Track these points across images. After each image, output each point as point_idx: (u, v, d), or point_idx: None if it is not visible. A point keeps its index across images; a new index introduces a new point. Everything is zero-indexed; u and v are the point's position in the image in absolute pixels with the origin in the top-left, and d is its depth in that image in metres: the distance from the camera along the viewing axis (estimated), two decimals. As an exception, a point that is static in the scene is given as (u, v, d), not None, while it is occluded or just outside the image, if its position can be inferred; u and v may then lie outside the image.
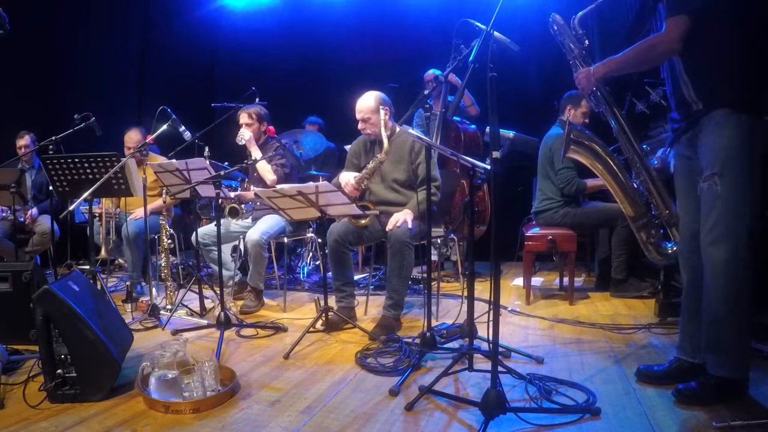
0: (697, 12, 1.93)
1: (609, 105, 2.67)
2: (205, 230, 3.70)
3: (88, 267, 3.37)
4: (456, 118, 4.53)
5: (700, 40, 1.96)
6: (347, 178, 3.22)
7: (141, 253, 3.96)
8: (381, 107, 3.09)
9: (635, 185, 2.89)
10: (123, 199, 4.16)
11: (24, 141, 4.40)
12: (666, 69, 2.15)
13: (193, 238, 3.67)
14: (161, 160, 3.98)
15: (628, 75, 2.28)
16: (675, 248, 2.77)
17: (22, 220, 4.17)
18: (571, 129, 2.98)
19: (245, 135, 3.70)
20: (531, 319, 3.29)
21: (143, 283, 4.10)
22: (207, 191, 3.32)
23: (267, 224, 3.65)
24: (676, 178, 2.22)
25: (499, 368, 1.93)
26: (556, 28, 2.71)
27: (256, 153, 3.71)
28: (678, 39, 1.96)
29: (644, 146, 2.82)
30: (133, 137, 4.11)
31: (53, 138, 3.60)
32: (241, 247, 4.08)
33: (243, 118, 3.79)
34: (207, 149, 3.44)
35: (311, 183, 2.75)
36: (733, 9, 1.95)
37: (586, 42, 2.64)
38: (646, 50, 2.06)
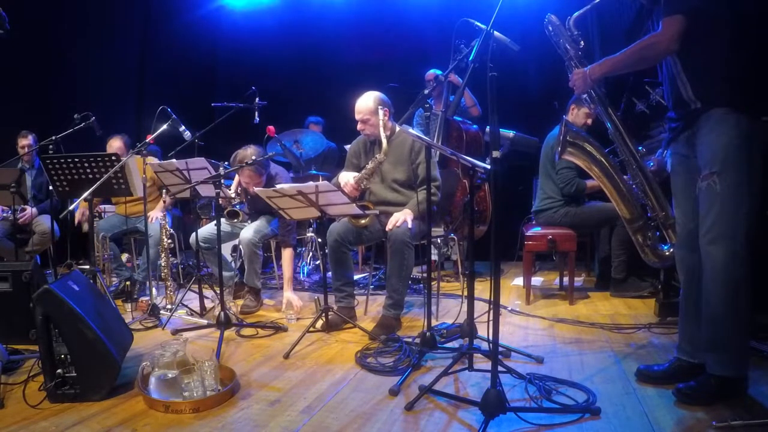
0: (693, 11, 1.93)
1: (604, 106, 2.67)
2: (205, 232, 3.66)
3: (88, 267, 3.38)
4: (457, 118, 4.53)
5: (698, 40, 1.96)
6: (347, 178, 3.22)
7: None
8: (380, 108, 3.08)
9: (631, 187, 2.89)
10: (124, 205, 4.17)
11: (27, 140, 4.40)
12: (663, 69, 2.15)
13: (191, 240, 3.64)
14: (153, 161, 3.97)
15: (625, 75, 2.28)
16: (671, 250, 2.77)
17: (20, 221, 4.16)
18: (568, 131, 2.98)
19: None
20: (531, 319, 3.29)
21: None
22: (207, 191, 3.32)
23: (262, 223, 3.64)
24: (673, 177, 2.22)
25: (499, 368, 1.93)
26: (551, 28, 2.71)
27: None
28: (674, 39, 1.96)
29: (640, 147, 2.83)
30: (113, 145, 4.09)
31: (53, 138, 3.61)
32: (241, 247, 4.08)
33: (252, 178, 3.50)
34: (222, 169, 3.21)
35: (311, 183, 2.75)
36: (731, 8, 1.95)
37: (582, 43, 2.64)
38: (642, 50, 2.06)
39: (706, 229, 1.96)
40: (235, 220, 3.70)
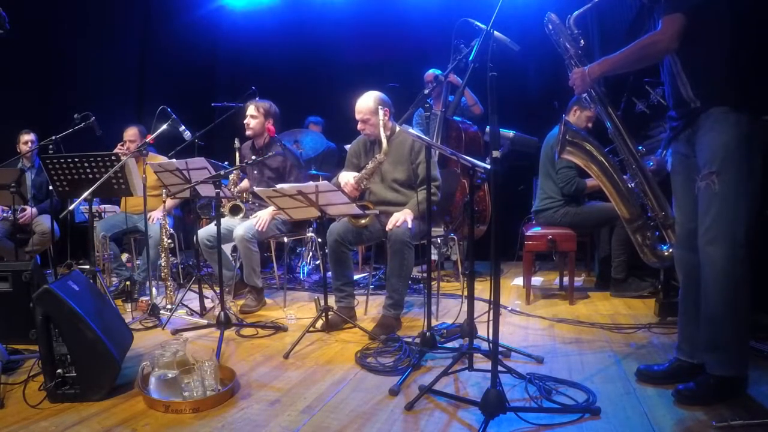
0: (693, 9, 1.92)
1: (604, 105, 2.66)
2: (211, 230, 3.65)
3: (88, 267, 3.38)
4: (457, 118, 4.53)
5: (698, 39, 1.95)
6: (347, 178, 3.22)
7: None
8: (380, 108, 3.08)
9: (631, 187, 2.89)
10: (124, 199, 4.17)
11: (29, 137, 4.42)
12: (664, 69, 2.15)
13: (200, 234, 3.61)
14: (161, 159, 3.99)
15: (625, 75, 2.28)
16: (670, 251, 2.77)
17: (20, 221, 4.17)
18: (567, 130, 2.98)
19: None
20: (531, 319, 3.29)
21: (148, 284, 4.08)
22: (207, 191, 3.31)
23: (251, 221, 3.64)
24: (673, 176, 2.22)
25: (499, 368, 1.93)
26: (551, 27, 2.70)
27: None
28: (674, 37, 1.95)
29: (640, 147, 2.82)
30: (130, 132, 4.13)
31: (53, 138, 3.61)
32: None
33: (250, 109, 3.75)
34: (237, 141, 3.43)
35: (311, 182, 2.75)
36: (730, 7, 1.95)
37: (582, 42, 2.63)
38: (642, 49, 2.05)
39: (705, 229, 1.96)
40: (239, 216, 3.70)
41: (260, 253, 4.42)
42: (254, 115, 3.73)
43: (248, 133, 3.77)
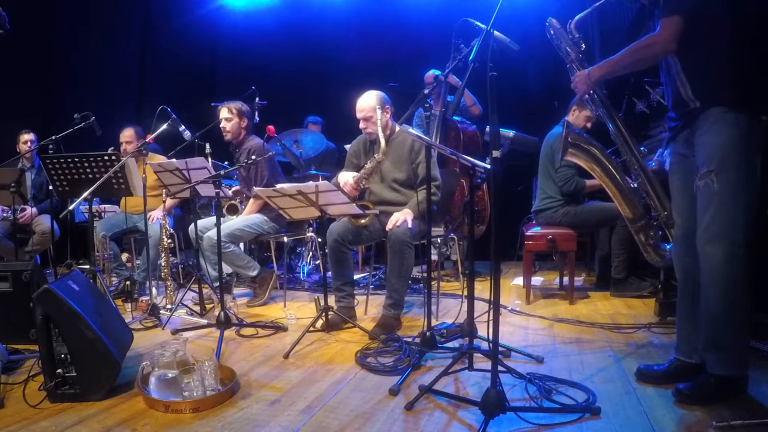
0: (690, 12, 1.93)
1: (606, 107, 2.67)
2: (205, 223, 3.67)
3: (88, 267, 3.38)
4: (456, 118, 4.53)
5: (697, 40, 1.96)
6: (346, 177, 3.22)
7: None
8: (380, 107, 3.09)
9: (633, 187, 2.89)
10: (124, 199, 4.17)
11: (29, 136, 4.42)
12: (663, 70, 2.15)
13: (191, 229, 3.61)
14: (161, 159, 3.99)
15: (626, 75, 2.29)
16: (674, 249, 2.77)
17: (20, 221, 4.17)
18: (569, 132, 2.98)
19: None
20: (531, 319, 3.29)
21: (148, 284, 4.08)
22: (207, 191, 3.32)
23: (232, 221, 3.65)
24: (671, 176, 2.22)
25: (499, 368, 1.93)
26: (552, 32, 2.71)
27: None
28: (672, 39, 1.96)
29: (641, 148, 2.83)
30: (126, 134, 4.14)
31: (53, 138, 3.61)
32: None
33: (223, 112, 3.74)
34: (208, 146, 3.47)
35: (311, 182, 2.75)
36: (729, 8, 1.95)
37: (583, 46, 2.64)
38: (640, 51, 2.06)
39: (704, 229, 1.96)
40: (235, 216, 3.71)
41: (259, 252, 4.42)
42: (228, 117, 3.71)
43: (227, 137, 3.75)
